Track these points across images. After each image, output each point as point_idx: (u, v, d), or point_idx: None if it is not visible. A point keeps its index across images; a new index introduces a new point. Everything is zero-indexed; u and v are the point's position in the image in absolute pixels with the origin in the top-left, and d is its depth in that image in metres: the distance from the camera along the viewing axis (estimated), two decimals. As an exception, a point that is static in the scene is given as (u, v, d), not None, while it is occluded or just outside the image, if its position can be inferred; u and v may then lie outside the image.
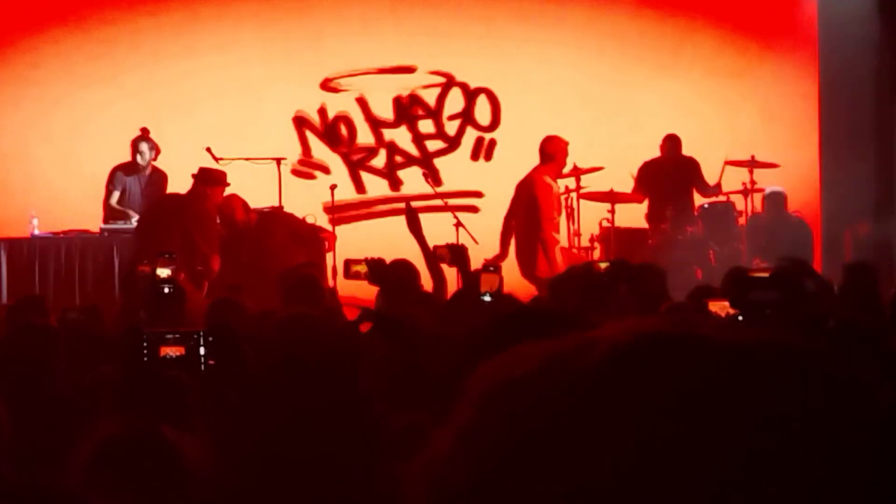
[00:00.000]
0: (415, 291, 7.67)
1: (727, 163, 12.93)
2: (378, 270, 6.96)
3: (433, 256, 7.84)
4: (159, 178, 12.43)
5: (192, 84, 13.60)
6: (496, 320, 2.55)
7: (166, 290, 6.35)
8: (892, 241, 12.60)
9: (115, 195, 12.31)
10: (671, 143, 12.99)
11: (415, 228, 8.14)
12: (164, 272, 6.87)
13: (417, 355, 4.74)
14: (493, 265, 6.93)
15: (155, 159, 12.43)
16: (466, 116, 14.09)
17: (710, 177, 12.86)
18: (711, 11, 14.25)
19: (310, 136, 13.80)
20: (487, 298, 6.61)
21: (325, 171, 13.72)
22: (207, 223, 11.02)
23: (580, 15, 14.05)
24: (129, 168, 12.41)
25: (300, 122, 13.77)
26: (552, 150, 12.29)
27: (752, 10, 14.25)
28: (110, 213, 12.27)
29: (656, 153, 13.06)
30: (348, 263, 7.36)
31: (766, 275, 6.04)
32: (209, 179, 11.23)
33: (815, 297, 6.47)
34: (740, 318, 5.45)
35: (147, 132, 12.40)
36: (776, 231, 12.47)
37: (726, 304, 5.81)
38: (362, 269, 7.05)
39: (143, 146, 12.32)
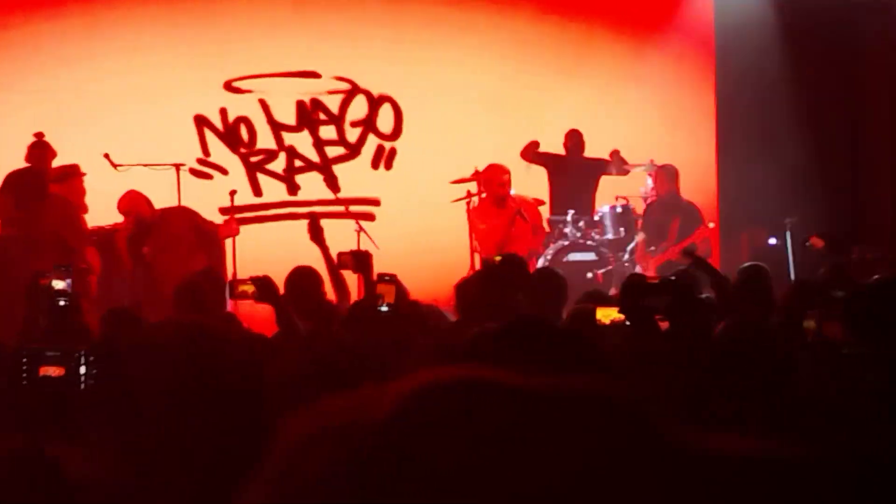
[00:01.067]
0: (316, 300, 7.62)
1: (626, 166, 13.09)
2: (266, 288, 6.84)
3: (337, 264, 7.80)
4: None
5: (94, 89, 13.42)
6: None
7: (62, 303, 6.28)
8: (788, 246, 12.78)
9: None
10: (573, 139, 13.12)
11: (318, 238, 8.11)
12: (59, 284, 6.76)
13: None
14: (388, 275, 6.85)
15: (50, 165, 12.25)
16: (368, 124, 14.08)
17: (613, 184, 13.02)
18: (611, 16, 14.37)
19: (210, 136, 13.69)
20: (384, 308, 6.57)
21: (224, 172, 13.63)
22: (72, 220, 10.85)
23: (483, 21, 14.09)
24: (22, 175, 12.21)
25: (200, 122, 13.65)
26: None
27: (649, 14, 14.40)
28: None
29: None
30: (234, 283, 7.13)
31: (658, 281, 6.13)
32: (61, 177, 11.15)
33: (706, 303, 6.58)
34: (627, 323, 5.51)
35: (41, 136, 12.22)
36: (669, 213, 12.50)
37: (614, 310, 5.86)
38: (249, 288, 6.86)
39: (38, 152, 12.13)
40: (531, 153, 13.22)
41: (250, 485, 1.07)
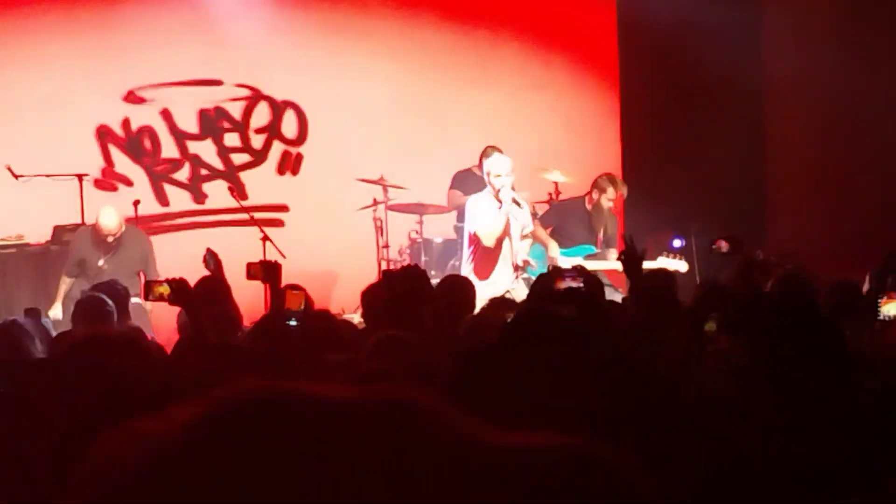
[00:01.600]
0: (223, 309, 7.56)
1: (533, 169, 13.08)
2: (181, 291, 6.80)
3: (246, 275, 7.71)
4: None
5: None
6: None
7: None
8: (693, 250, 12.90)
9: None
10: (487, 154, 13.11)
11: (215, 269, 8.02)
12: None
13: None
14: (296, 286, 6.79)
15: None
16: (273, 130, 14.01)
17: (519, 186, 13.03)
18: (515, 24, 14.43)
19: (113, 148, 13.53)
20: (293, 322, 6.51)
21: (128, 183, 13.47)
22: None
23: (387, 28, 14.09)
24: None
25: (103, 135, 13.49)
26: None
27: (553, 22, 14.48)
28: None
29: (464, 165, 13.16)
30: (150, 285, 7.14)
31: (563, 289, 6.18)
32: None
33: (609, 312, 6.62)
34: None
35: None
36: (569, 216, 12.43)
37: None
38: (165, 290, 6.84)
39: None
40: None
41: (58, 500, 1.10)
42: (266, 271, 7.58)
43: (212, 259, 8.02)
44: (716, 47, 13.77)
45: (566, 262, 11.38)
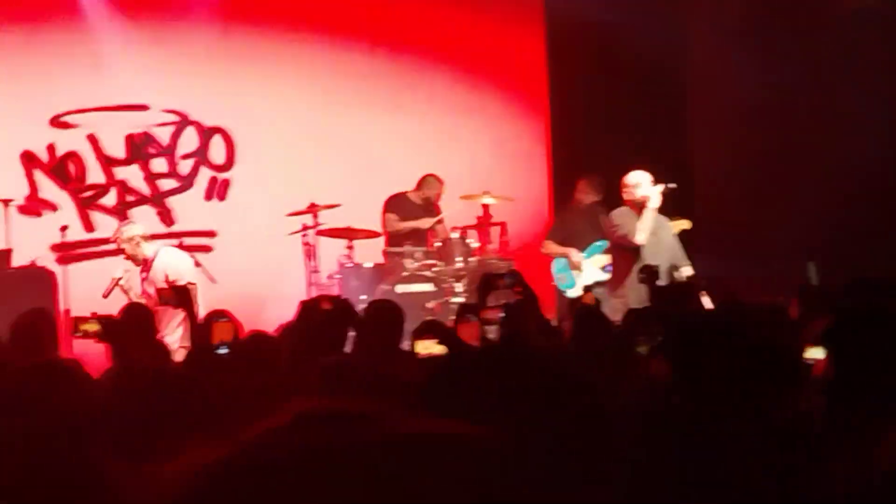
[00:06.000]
0: (151, 338, 7.48)
1: (462, 197, 13.15)
2: (112, 327, 6.63)
3: (158, 300, 7.62)
4: None
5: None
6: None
7: None
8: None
9: None
10: (427, 182, 13.16)
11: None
12: None
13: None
14: (222, 312, 6.61)
15: None
16: (201, 155, 13.93)
17: (448, 211, 13.07)
18: (442, 48, 14.46)
19: (38, 174, 13.40)
20: (223, 351, 6.37)
21: (53, 208, 13.34)
22: None
23: (315, 53, 14.06)
24: None
25: (28, 160, 13.36)
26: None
27: (480, 45, 14.51)
28: None
29: (394, 190, 13.18)
30: (76, 321, 6.78)
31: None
32: None
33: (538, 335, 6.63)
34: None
35: None
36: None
37: (432, 342, 5.89)
38: (92, 326, 6.55)
39: None
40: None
41: None
42: (178, 295, 7.50)
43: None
44: (641, 65, 13.85)
45: (590, 264, 12.52)
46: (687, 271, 11.02)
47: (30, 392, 4.42)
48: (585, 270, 12.59)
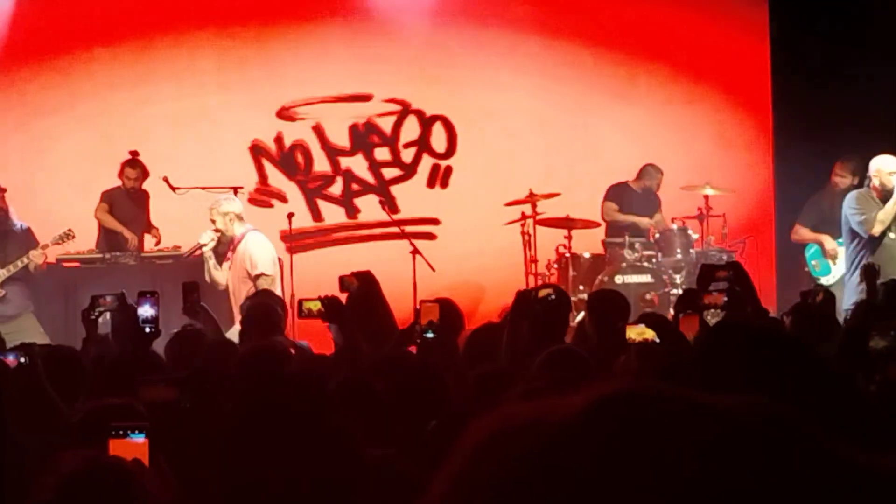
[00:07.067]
0: (378, 322, 7.64)
1: (683, 188, 13.04)
2: (334, 308, 6.85)
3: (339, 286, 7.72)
4: (142, 198, 12.45)
5: (148, 113, 13.52)
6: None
7: (148, 330, 6.13)
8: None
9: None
10: (647, 172, 13.07)
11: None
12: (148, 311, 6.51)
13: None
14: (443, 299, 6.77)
15: (142, 182, 12.41)
16: (422, 144, 14.10)
17: (667, 206, 12.98)
18: (664, 39, 14.27)
19: (266, 164, 13.76)
20: (430, 335, 6.45)
21: (282, 199, 13.69)
22: None
23: (535, 42, 14.08)
24: (117, 191, 12.40)
25: (256, 151, 13.73)
26: None
27: (702, 35, 14.30)
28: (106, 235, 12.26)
29: (612, 180, 13.14)
30: (301, 302, 7.03)
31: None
32: None
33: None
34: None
35: (136, 154, 12.38)
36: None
37: (643, 327, 5.88)
38: (315, 305, 6.81)
39: (130, 171, 12.30)
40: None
41: (432, 486, 1.09)
42: (361, 281, 7.64)
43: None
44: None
45: (841, 252, 11.90)
46: None
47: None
48: (840, 258, 12.10)
